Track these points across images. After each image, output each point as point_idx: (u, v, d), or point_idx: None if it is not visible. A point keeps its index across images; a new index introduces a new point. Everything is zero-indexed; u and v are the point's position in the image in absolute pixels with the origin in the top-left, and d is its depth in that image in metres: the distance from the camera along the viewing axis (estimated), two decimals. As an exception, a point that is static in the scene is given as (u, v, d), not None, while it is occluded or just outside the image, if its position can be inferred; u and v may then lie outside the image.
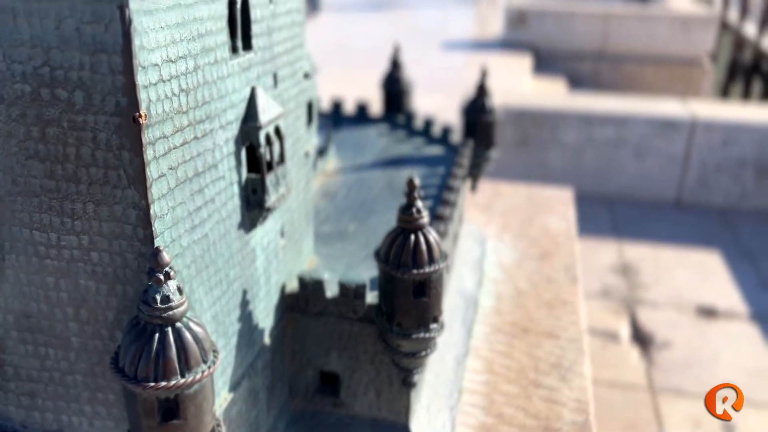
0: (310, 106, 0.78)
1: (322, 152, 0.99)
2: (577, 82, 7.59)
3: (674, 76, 7.33)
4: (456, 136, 1.14)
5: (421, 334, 0.69)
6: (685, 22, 7.10)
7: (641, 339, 2.27)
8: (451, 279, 0.98)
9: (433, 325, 0.70)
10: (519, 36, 7.67)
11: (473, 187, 1.11)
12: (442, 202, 0.81)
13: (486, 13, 9.49)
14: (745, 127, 3.11)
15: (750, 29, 13.71)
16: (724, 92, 16.10)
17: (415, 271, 0.66)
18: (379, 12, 10.32)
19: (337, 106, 1.20)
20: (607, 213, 3.22)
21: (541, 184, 3.50)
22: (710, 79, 7.25)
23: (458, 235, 1.01)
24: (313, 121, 0.80)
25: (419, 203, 0.67)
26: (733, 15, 14.94)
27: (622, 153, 3.31)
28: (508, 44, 7.77)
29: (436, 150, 1.06)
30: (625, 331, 2.33)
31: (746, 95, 14.82)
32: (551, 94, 6.64)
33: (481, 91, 1.05)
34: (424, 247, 0.66)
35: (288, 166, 0.70)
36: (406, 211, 0.67)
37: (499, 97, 3.53)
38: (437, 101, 5.33)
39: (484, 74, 1.06)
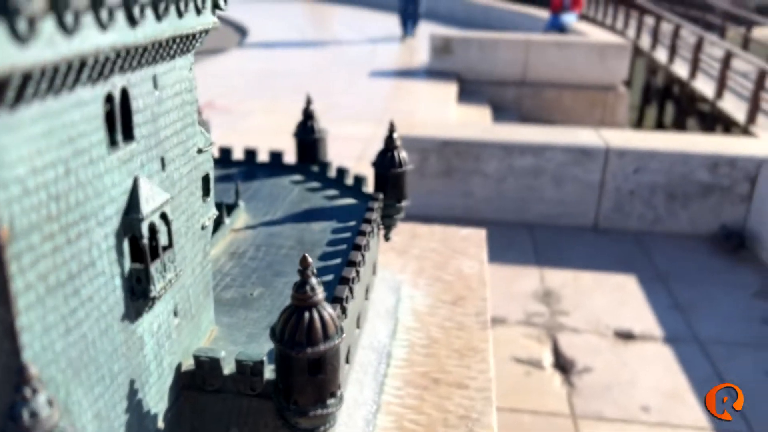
0: (206, 179, 0.77)
1: (230, 208, 0.98)
2: (501, 108, 7.82)
3: (592, 100, 7.69)
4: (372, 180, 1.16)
5: (319, 411, 0.69)
6: (601, 50, 7.48)
7: (563, 365, 2.34)
8: (364, 333, 0.98)
9: (331, 401, 0.69)
10: (444, 64, 7.87)
11: (386, 238, 1.12)
12: (348, 263, 0.82)
13: (414, 45, 9.69)
14: (655, 154, 3.29)
15: (661, 55, 14.60)
16: (640, 115, 17.02)
17: (309, 350, 0.66)
18: (308, 45, 10.35)
19: (250, 155, 1.19)
20: (530, 240, 3.31)
21: (466, 213, 3.57)
22: (625, 103, 7.65)
23: (372, 286, 1.01)
24: (211, 192, 0.79)
25: (313, 280, 0.67)
26: (646, 42, 15.83)
27: (541, 181, 3.43)
28: (434, 72, 7.95)
29: (348, 201, 1.06)
30: (547, 358, 2.39)
31: (660, 117, 15.72)
32: (476, 121, 6.83)
33: (390, 144, 1.07)
34: (318, 324, 0.66)
35: (181, 243, 0.68)
36: (300, 289, 0.67)
37: (424, 128, 3.60)
38: (364, 129, 5.39)
39: (391, 129, 1.08)
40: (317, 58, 9.02)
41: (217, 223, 0.92)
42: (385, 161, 1.07)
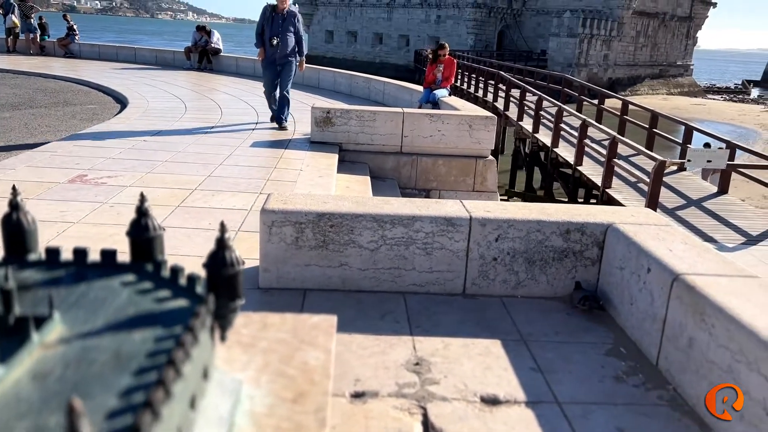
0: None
1: (42, 320, 0.93)
2: (381, 176, 8.08)
3: (464, 168, 8.13)
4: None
5: None
6: (470, 121, 7.97)
7: (432, 437, 2.37)
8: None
9: None
10: (326, 135, 8.07)
11: (222, 338, 1.12)
12: (156, 382, 0.80)
13: (299, 116, 9.88)
14: (513, 223, 3.51)
15: (528, 125, 15.88)
16: (512, 179, 18.17)
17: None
18: (190, 114, 10.24)
19: (79, 255, 1.16)
20: (403, 308, 3.39)
21: (342, 284, 3.60)
22: (494, 170, 8.15)
23: (202, 393, 1.00)
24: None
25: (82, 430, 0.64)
26: (514, 112, 17.21)
27: (412, 250, 3.55)
28: (316, 143, 8.12)
29: (179, 303, 1.05)
30: (417, 429, 2.42)
31: (529, 181, 16.86)
32: (358, 189, 6.99)
33: (221, 244, 1.08)
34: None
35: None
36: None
37: (300, 202, 3.65)
38: (243, 201, 5.35)
39: (222, 228, 1.10)
40: (198, 127, 8.93)
41: (22, 341, 0.88)
42: (217, 261, 1.08)
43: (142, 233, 1.15)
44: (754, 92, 62.67)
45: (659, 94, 49.38)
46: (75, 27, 20.03)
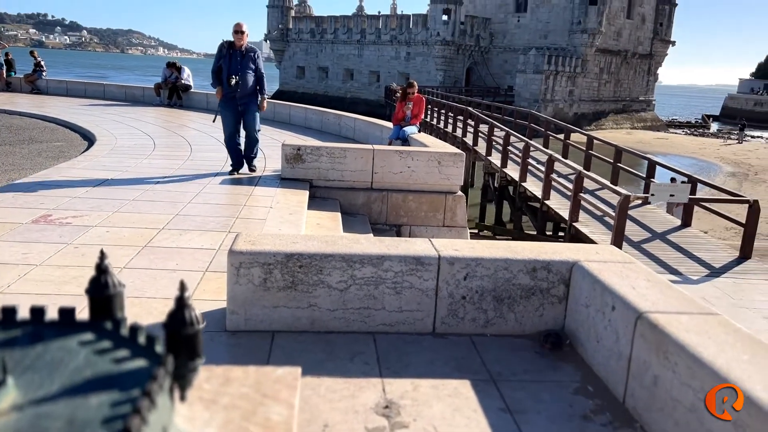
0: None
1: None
2: (351, 212, 8.10)
3: (434, 204, 8.19)
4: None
5: None
6: (439, 158, 8.07)
7: (402, 484, 2.35)
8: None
9: None
10: (296, 172, 8.10)
11: (182, 398, 1.11)
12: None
13: (269, 153, 9.91)
14: (481, 261, 3.55)
15: (496, 160, 16.13)
16: (482, 213, 18.36)
17: None
18: (158, 151, 10.19)
19: (36, 314, 1.14)
20: (373, 349, 3.38)
21: (311, 326, 3.57)
22: (463, 205, 8.25)
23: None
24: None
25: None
26: (483, 147, 17.48)
27: (382, 290, 3.55)
28: (286, 179, 8.14)
29: (138, 363, 1.04)
30: (387, 476, 2.39)
31: (499, 214, 17.05)
32: (329, 226, 6.98)
33: (180, 303, 1.08)
34: None
35: None
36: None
37: (268, 243, 3.63)
38: (211, 240, 5.31)
39: (182, 287, 1.10)
40: (167, 164, 8.88)
41: (-29, 411, 0.86)
42: (177, 321, 1.07)
43: (102, 291, 1.14)
44: (714, 126, 64.87)
45: (623, 129, 50.77)
46: (42, 63, 19.88)
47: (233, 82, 7.63)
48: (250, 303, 3.50)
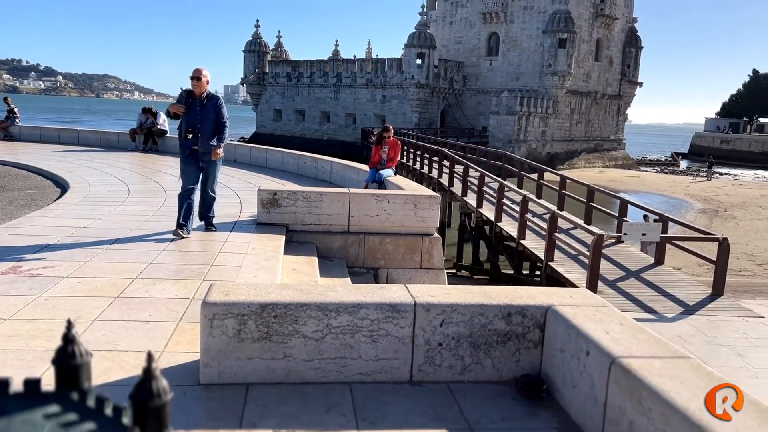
0: None
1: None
2: (328, 256, 8.08)
3: (410, 246, 8.22)
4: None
5: None
6: (414, 200, 8.13)
7: None
8: None
9: None
10: (272, 217, 8.09)
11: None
12: None
13: (245, 197, 9.90)
14: (456, 307, 3.56)
15: (472, 200, 16.28)
16: (459, 253, 18.39)
17: None
18: (133, 198, 10.13)
19: (0, 386, 1.12)
20: (350, 399, 3.34)
21: (287, 377, 3.53)
22: (440, 247, 8.28)
23: None
24: None
25: None
26: (458, 187, 17.65)
27: (358, 338, 3.53)
28: (262, 224, 8.12)
29: (104, 436, 1.03)
30: None
31: (476, 254, 17.12)
32: (305, 271, 6.95)
33: (148, 374, 1.07)
34: None
35: None
36: None
37: (242, 293, 3.60)
38: (185, 289, 5.25)
39: (149, 358, 1.09)
40: (142, 211, 8.82)
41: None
42: (144, 393, 1.06)
43: (68, 361, 1.13)
44: (683, 164, 66.57)
45: (596, 167, 51.81)
46: (15, 110, 19.78)
47: (191, 137, 6.85)
48: (224, 355, 3.45)
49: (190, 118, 6.82)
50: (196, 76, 6.69)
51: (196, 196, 7.25)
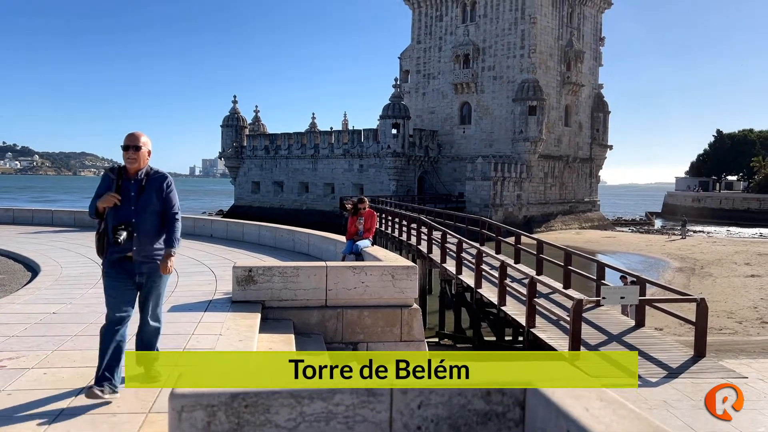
0: None
1: None
2: (305, 332, 7.94)
3: (389, 318, 8.13)
4: None
5: None
6: (392, 271, 8.09)
7: None
8: None
9: None
10: (248, 294, 7.97)
11: None
12: None
13: (220, 274, 9.76)
14: (435, 390, 3.46)
15: (451, 266, 16.26)
16: (441, 320, 18.21)
17: None
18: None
19: None
20: (326, 493, 3.18)
21: (260, 470, 3.35)
22: (419, 318, 8.20)
23: None
24: None
25: None
26: (437, 254, 17.65)
27: (333, 425, 3.40)
28: (238, 302, 7.98)
29: None
30: None
31: (458, 321, 16.95)
32: (280, 349, 6.79)
33: None
34: None
35: None
36: None
37: (210, 382, 3.47)
38: (156, 378, 5.05)
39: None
40: (112, 294, 8.59)
41: None
42: None
43: None
44: (657, 223, 67.77)
45: (572, 229, 52.50)
46: (-11, 191, 19.59)
47: (120, 238, 4.29)
48: (193, 450, 3.28)
49: (122, 208, 4.31)
50: (133, 144, 4.29)
51: (130, 329, 4.61)
